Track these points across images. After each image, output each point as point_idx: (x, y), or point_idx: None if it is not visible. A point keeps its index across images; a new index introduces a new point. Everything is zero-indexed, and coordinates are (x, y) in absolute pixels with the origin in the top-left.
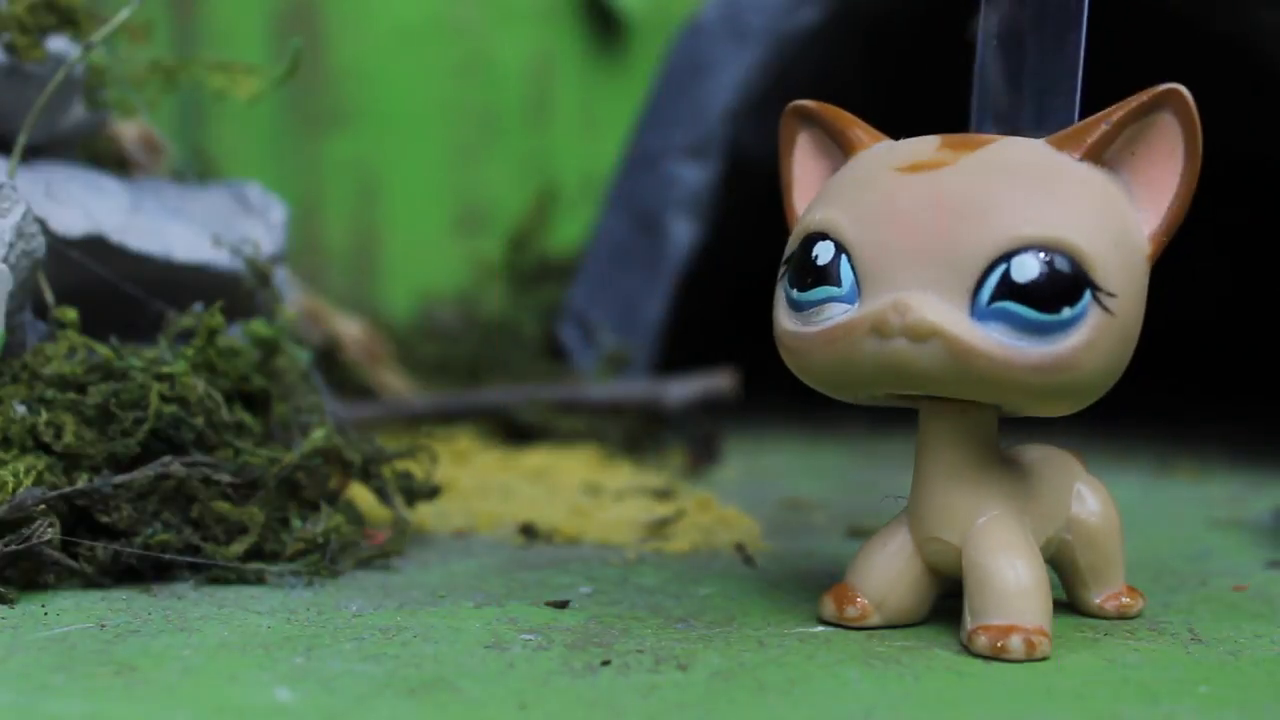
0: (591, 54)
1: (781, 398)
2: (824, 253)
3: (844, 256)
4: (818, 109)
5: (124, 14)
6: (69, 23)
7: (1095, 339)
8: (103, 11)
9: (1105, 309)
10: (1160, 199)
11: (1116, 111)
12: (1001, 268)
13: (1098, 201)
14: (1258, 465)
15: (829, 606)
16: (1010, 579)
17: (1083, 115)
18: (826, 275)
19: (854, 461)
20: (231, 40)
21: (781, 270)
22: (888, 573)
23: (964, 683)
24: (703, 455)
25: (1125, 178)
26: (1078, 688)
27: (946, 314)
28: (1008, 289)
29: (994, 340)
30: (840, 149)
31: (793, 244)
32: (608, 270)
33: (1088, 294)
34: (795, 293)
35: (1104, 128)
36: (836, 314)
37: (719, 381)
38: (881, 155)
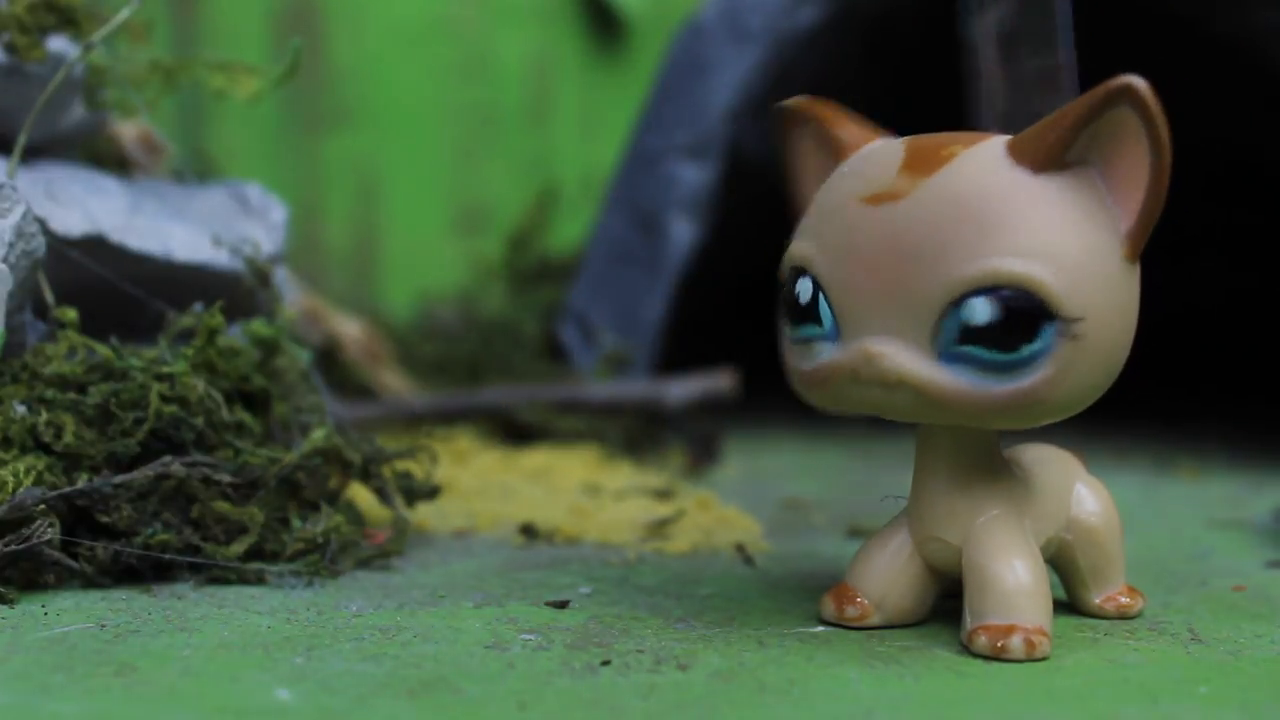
0: (591, 54)
1: (781, 398)
2: (804, 291)
3: (821, 295)
4: (804, 108)
5: (124, 14)
6: (69, 23)
7: (1066, 368)
8: (103, 11)
9: (1072, 336)
10: (1132, 195)
11: (1069, 115)
12: (957, 311)
13: (1056, 221)
14: (1258, 465)
15: (829, 606)
16: (1010, 579)
17: None
18: (809, 314)
19: (854, 461)
20: (231, 40)
21: (780, 296)
22: (888, 572)
23: (964, 683)
24: (703, 455)
25: (1097, 174)
26: (1078, 688)
27: (912, 362)
28: (965, 333)
29: (961, 383)
30: (829, 151)
31: (782, 272)
32: (608, 270)
33: (1049, 327)
34: (789, 329)
35: (1057, 133)
36: (823, 353)
37: (719, 381)
38: (850, 177)
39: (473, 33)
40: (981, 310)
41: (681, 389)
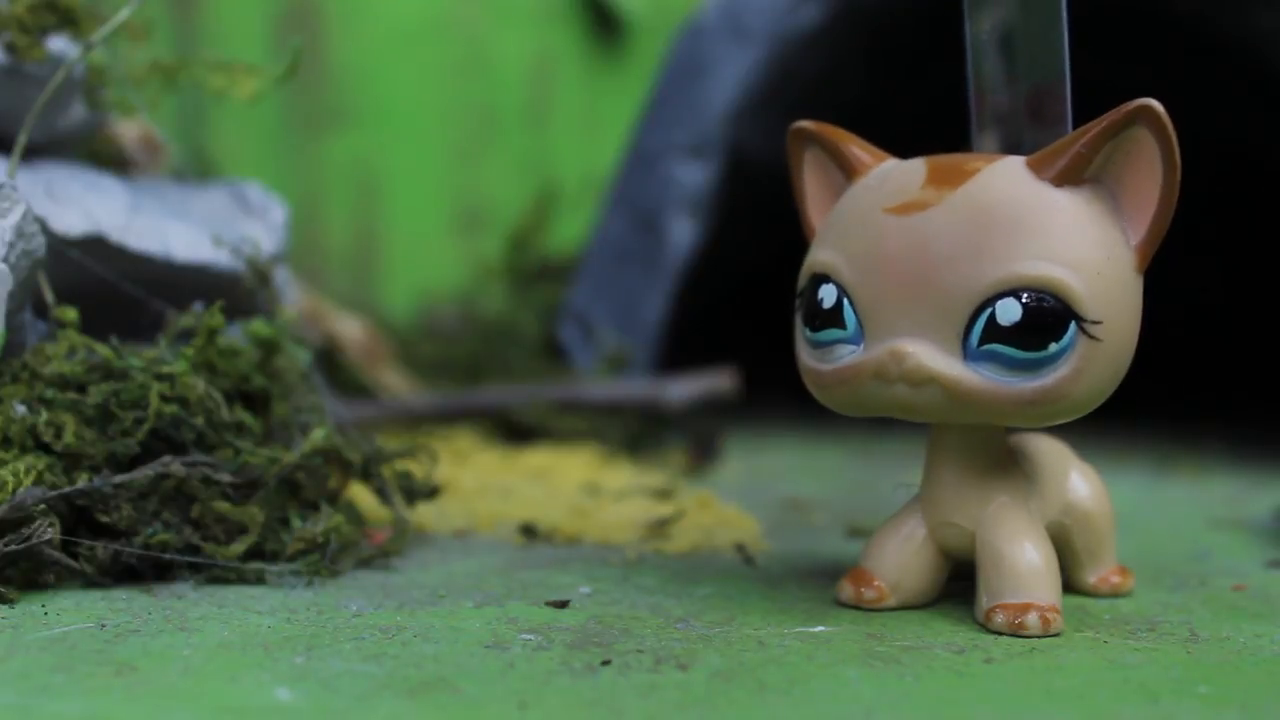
0: (591, 54)
1: (781, 398)
2: (828, 296)
3: (846, 300)
4: (815, 130)
5: (124, 14)
6: (69, 23)
7: (1084, 367)
8: (103, 11)
9: (1092, 337)
10: (1144, 211)
11: (1089, 131)
12: (987, 312)
13: (1078, 230)
14: (1258, 465)
15: (848, 589)
16: (1023, 561)
17: (1075, 117)
18: (833, 318)
19: (854, 461)
20: (231, 40)
21: (796, 303)
22: (902, 557)
23: (964, 683)
24: (703, 455)
25: (1111, 190)
26: (1078, 688)
27: (940, 360)
28: (994, 332)
29: (986, 380)
30: (840, 171)
31: (802, 280)
32: (608, 270)
33: (1072, 326)
34: (809, 332)
35: (1077, 150)
36: (845, 354)
37: (719, 381)
38: (874, 190)
39: (473, 33)
40: (1013, 310)
41: (681, 389)
